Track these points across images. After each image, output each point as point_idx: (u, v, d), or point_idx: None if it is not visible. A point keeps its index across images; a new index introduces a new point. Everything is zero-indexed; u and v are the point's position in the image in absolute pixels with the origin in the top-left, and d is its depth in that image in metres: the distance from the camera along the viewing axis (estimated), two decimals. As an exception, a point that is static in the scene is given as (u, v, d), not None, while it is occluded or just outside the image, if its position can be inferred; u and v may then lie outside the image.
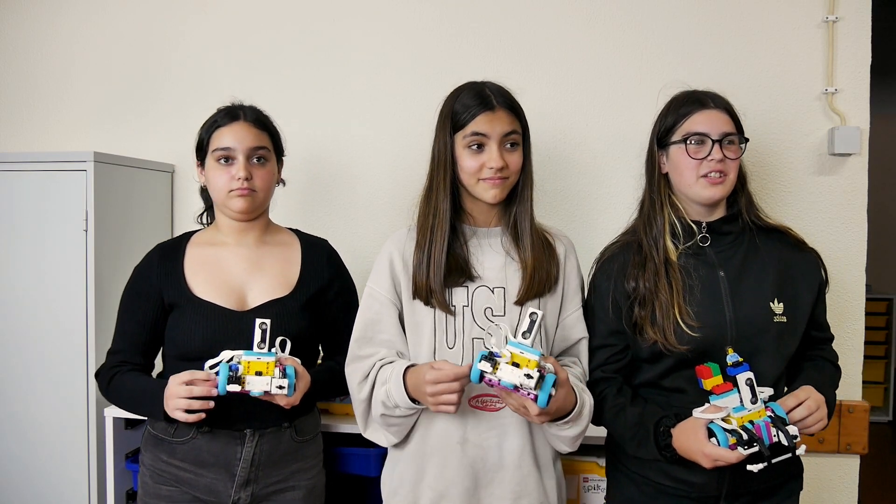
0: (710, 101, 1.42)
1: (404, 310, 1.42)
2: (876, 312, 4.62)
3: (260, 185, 1.52)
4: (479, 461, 1.38)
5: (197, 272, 1.52)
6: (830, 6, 1.89)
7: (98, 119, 2.27)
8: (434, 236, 1.39)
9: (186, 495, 1.48)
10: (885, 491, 3.56)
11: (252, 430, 1.47)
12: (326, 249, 1.65)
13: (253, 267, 1.55)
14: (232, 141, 1.50)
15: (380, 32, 2.10)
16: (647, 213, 1.46)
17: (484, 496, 1.39)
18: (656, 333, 1.35)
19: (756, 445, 1.20)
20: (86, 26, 2.27)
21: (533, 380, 1.20)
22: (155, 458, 1.50)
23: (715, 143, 1.37)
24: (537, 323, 1.23)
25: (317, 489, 1.58)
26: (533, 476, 1.40)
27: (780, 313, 1.37)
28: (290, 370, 1.38)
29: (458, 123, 1.37)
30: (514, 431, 1.39)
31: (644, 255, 1.42)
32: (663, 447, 1.32)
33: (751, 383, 1.24)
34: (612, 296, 1.43)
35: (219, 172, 1.51)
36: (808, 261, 1.45)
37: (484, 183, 1.37)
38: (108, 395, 1.54)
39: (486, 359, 1.22)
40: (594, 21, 2.01)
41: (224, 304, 1.49)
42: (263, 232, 1.60)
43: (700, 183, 1.39)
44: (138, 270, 1.58)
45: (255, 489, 1.49)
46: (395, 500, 1.44)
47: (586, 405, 1.37)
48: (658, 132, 1.47)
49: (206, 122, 1.56)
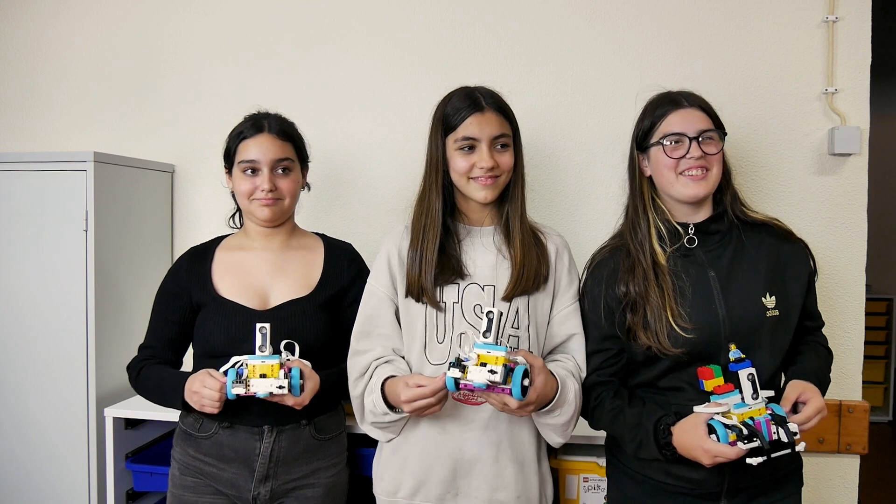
0: (683, 100, 1.43)
1: (400, 305, 1.46)
2: (876, 312, 4.62)
3: (285, 194, 1.58)
4: (457, 452, 1.42)
5: (224, 275, 1.59)
6: (830, 6, 1.89)
7: (98, 119, 2.27)
8: (426, 235, 1.43)
9: (210, 487, 1.53)
10: (885, 491, 3.56)
11: (270, 427, 1.51)
12: (349, 252, 1.69)
13: (277, 270, 1.60)
14: (257, 153, 1.55)
15: (380, 32, 2.10)
16: (631, 218, 1.47)
17: (462, 486, 1.43)
18: (649, 338, 1.35)
19: (756, 440, 1.21)
20: (85, 26, 2.27)
21: (497, 374, 1.23)
22: (184, 452, 1.55)
23: (692, 140, 1.38)
24: (495, 321, 1.26)
25: (337, 487, 1.60)
26: (510, 470, 1.42)
27: (772, 307, 1.38)
28: (294, 372, 1.41)
29: (449, 126, 1.41)
30: (493, 426, 1.42)
31: (632, 259, 1.42)
32: (663, 445, 1.32)
33: (752, 378, 1.25)
34: (604, 301, 1.43)
35: (244, 182, 1.56)
36: (796, 252, 1.45)
37: (475, 183, 1.41)
38: (136, 386, 1.60)
39: (454, 365, 1.26)
40: (594, 21, 2.01)
41: (246, 304, 1.54)
42: (289, 236, 1.65)
43: (681, 181, 1.39)
44: (171, 272, 1.65)
45: (275, 485, 1.52)
46: (381, 486, 1.50)
47: (570, 390, 1.39)
48: (637, 136, 1.48)
49: (233, 132, 1.61)
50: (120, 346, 1.98)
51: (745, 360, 1.26)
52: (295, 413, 1.47)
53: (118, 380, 1.97)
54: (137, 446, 1.94)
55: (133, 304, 2.03)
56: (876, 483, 3.54)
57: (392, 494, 1.47)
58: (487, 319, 1.26)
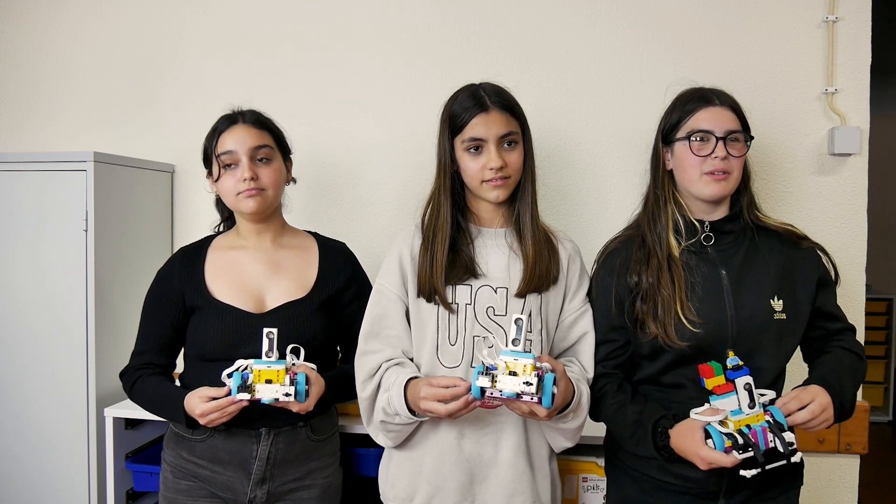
0: (715, 98, 1.42)
1: (410, 306, 1.44)
2: (876, 312, 4.62)
3: (267, 184, 1.53)
4: (475, 457, 1.40)
5: (217, 276, 1.55)
6: (830, 6, 1.89)
7: (98, 119, 2.27)
8: (437, 237, 1.41)
9: (204, 490, 1.51)
10: (885, 491, 3.56)
11: (267, 429, 1.49)
12: (344, 252, 1.67)
13: (271, 270, 1.57)
14: (233, 144, 1.52)
15: (380, 32, 2.10)
16: (651, 209, 1.46)
17: (479, 492, 1.41)
18: (657, 328, 1.35)
19: (751, 451, 1.20)
20: (86, 26, 2.27)
21: (533, 385, 1.21)
22: (176, 455, 1.53)
23: (719, 140, 1.37)
24: (524, 327, 1.24)
25: (332, 488, 1.60)
26: (527, 475, 1.41)
27: (779, 310, 1.38)
28: (300, 377, 1.38)
29: (456, 127, 1.41)
30: (511, 429, 1.40)
31: (647, 249, 1.42)
32: (661, 447, 1.32)
33: (749, 388, 1.24)
34: (615, 291, 1.43)
35: (226, 178, 1.53)
36: (807, 257, 1.45)
37: (487, 185, 1.40)
38: (132, 397, 1.57)
39: (482, 374, 1.22)
40: (594, 21, 2.01)
41: (242, 307, 1.51)
42: (280, 234, 1.62)
43: (703, 180, 1.39)
44: (161, 273, 1.61)
45: (271, 487, 1.51)
46: (393, 493, 1.47)
47: (584, 394, 1.39)
48: (663, 129, 1.47)
49: (209, 132, 1.58)
50: (120, 346, 1.98)
51: (742, 367, 1.25)
52: (292, 415, 1.45)
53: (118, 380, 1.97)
54: (137, 446, 1.94)
55: (133, 305, 2.01)
56: (876, 483, 3.54)
57: (406, 501, 1.44)
58: (516, 326, 1.24)
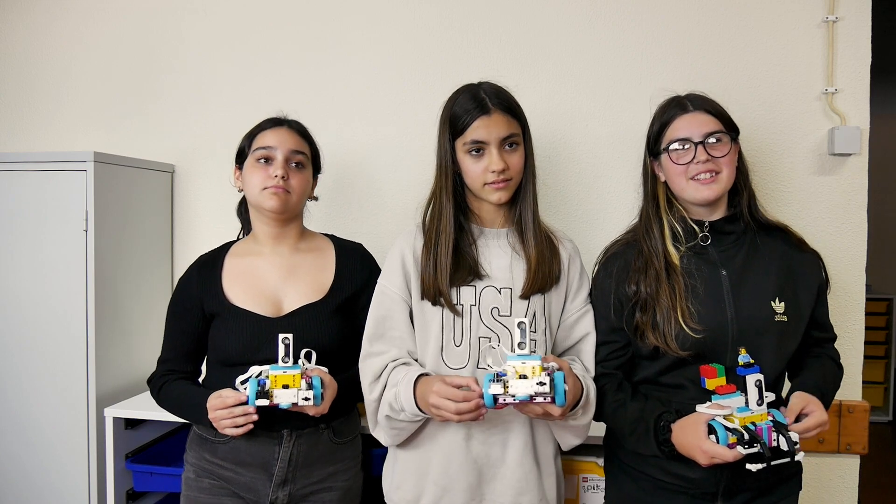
0: (689, 103, 1.43)
1: (413, 307, 1.44)
2: (876, 312, 4.62)
3: (295, 188, 1.56)
4: (482, 457, 1.40)
5: (234, 282, 1.56)
6: (830, 6, 1.89)
7: (98, 119, 2.27)
8: (440, 239, 1.41)
9: (226, 489, 1.52)
10: (885, 491, 3.56)
11: (289, 431, 1.50)
12: (360, 253, 1.67)
13: (288, 274, 1.57)
14: (274, 140, 1.55)
15: (380, 32, 2.10)
16: (644, 222, 1.47)
17: (487, 492, 1.41)
18: (657, 339, 1.36)
19: (757, 446, 1.21)
20: (86, 26, 2.27)
21: (546, 385, 1.21)
22: (199, 456, 1.54)
23: (698, 144, 1.38)
24: (527, 330, 1.25)
25: (353, 491, 1.60)
26: (534, 473, 1.41)
27: (780, 312, 1.38)
28: (316, 381, 1.39)
29: (457, 129, 1.40)
30: (518, 429, 1.40)
31: (645, 259, 1.42)
32: (662, 442, 1.32)
33: (760, 385, 1.25)
34: (615, 295, 1.43)
35: (256, 170, 1.55)
36: (809, 261, 1.45)
37: (489, 187, 1.40)
38: (159, 402, 1.59)
39: (493, 381, 1.23)
40: (594, 21, 2.01)
41: (259, 312, 1.52)
42: (298, 239, 1.63)
43: (691, 185, 1.39)
44: (181, 283, 1.63)
45: (293, 489, 1.51)
46: (398, 495, 1.46)
47: (591, 389, 1.39)
48: (648, 142, 1.48)
49: (249, 130, 1.60)
50: (120, 346, 1.98)
51: (753, 365, 1.26)
52: (313, 417, 1.45)
53: (118, 380, 1.97)
54: (137, 446, 1.94)
55: (133, 304, 2.03)
56: (876, 483, 3.54)
57: (412, 503, 1.44)
58: (520, 330, 1.24)
